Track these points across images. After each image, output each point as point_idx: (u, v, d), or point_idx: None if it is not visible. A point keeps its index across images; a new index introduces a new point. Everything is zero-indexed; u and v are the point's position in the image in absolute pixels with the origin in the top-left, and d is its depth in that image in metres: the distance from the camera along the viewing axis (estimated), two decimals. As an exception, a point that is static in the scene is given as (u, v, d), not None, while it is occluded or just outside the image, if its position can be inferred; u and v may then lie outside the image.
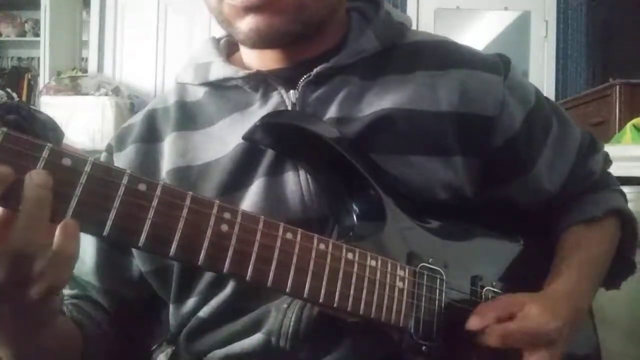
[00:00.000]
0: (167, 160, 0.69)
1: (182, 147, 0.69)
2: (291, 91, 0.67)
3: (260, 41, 0.64)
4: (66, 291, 0.73)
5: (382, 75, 0.69)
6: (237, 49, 0.77)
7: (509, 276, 0.68)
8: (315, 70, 0.66)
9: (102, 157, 0.75)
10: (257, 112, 0.67)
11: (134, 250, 0.69)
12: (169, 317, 0.71)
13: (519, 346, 0.61)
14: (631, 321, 1.36)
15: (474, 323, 0.60)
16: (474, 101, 0.68)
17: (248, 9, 0.61)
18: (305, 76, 0.67)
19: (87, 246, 0.71)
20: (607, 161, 0.81)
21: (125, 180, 0.44)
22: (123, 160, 0.71)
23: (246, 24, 0.62)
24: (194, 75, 0.73)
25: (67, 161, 0.42)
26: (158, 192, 0.45)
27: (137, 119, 0.76)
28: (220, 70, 0.71)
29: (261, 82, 0.68)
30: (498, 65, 0.72)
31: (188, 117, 0.72)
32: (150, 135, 0.72)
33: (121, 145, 0.73)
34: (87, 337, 0.64)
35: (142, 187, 0.44)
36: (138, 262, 0.69)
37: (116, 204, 0.43)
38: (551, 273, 0.69)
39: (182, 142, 0.70)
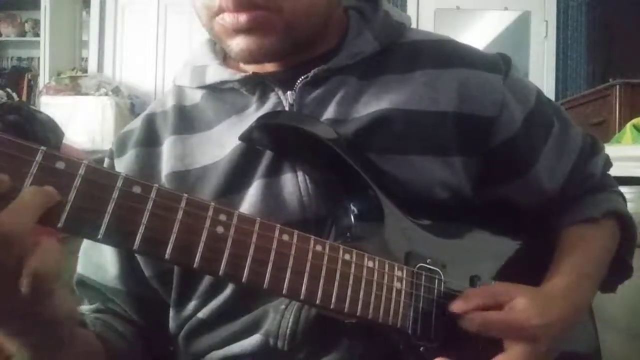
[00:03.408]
0: (166, 164, 0.69)
1: (180, 151, 0.69)
2: (288, 92, 0.67)
3: (252, 59, 0.65)
4: (86, 307, 0.73)
5: (380, 75, 0.68)
6: None
7: (508, 276, 0.68)
8: (312, 72, 0.66)
9: (105, 163, 0.75)
10: (255, 114, 0.67)
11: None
12: (169, 320, 0.70)
13: (500, 337, 0.60)
14: (631, 321, 1.35)
15: (456, 306, 0.59)
16: (473, 101, 0.68)
17: (238, 31, 0.62)
18: (302, 77, 0.67)
19: (107, 253, 0.71)
20: (608, 163, 0.81)
21: (119, 183, 0.44)
22: (124, 165, 0.71)
23: (236, 43, 0.63)
24: (191, 79, 0.73)
25: (60, 164, 0.42)
26: (153, 194, 0.45)
27: (137, 123, 0.76)
28: (216, 73, 0.70)
29: (258, 84, 0.68)
30: (499, 64, 0.71)
31: (186, 120, 0.72)
32: (150, 140, 0.72)
33: (122, 150, 0.73)
34: (110, 350, 0.64)
35: (136, 189, 0.44)
36: (142, 266, 0.69)
37: (111, 207, 0.43)
38: (550, 271, 0.69)
39: (180, 146, 0.70)
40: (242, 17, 0.60)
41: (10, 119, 1.71)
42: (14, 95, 2.75)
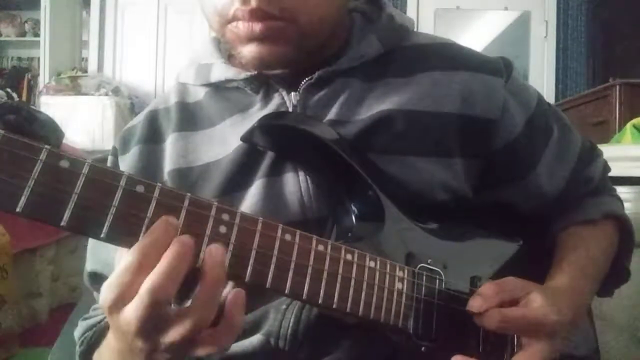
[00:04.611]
0: (169, 161, 0.69)
1: (183, 148, 0.69)
2: (292, 93, 0.67)
3: (263, 67, 0.65)
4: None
5: (383, 78, 0.69)
6: None
7: (508, 276, 0.68)
8: (317, 74, 0.66)
9: (109, 160, 0.75)
10: (258, 113, 0.67)
11: None
12: None
13: (519, 334, 0.60)
14: (631, 321, 1.36)
15: (475, 304, 0.58)
16: (476, 103, 0.68)
17: (251, 39, 0.61)
18: (306, 79, 0.67)
19: (113, 249, 0.70)
20: (606, 168, 0.82)
21: (123, 182, 0.44)
22: (128, 162, 0.71)
23: (248, 51, 0.62)
24: (195, 76, 0.73)
25: (64, 163, 0.42)
26: (156, 193, 0.45)
27: (139, 119, 0.76)
28: (221, 71, 0.70)
29: (262, 84, 0.68)
30: (500, 68, 0.72)
31: (189, 117, 0.72)
32: (153, 136, 0.72)
33: (125, 147, 0.73)
34: None
35: (140, 188, 0.44)
36: None
37: (114, 206, 0.43)
38: (552, 270, 0.69)
39: (182, 143, 0.70)
40: (257, 27, 0.60)
41: (10, 119, 1.71)
42: (14, 95, 2.75)
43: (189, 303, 0.67)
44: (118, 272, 0.44)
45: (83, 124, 3.62)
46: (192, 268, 0.45)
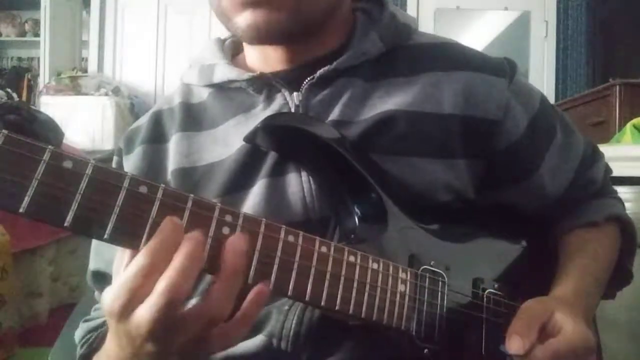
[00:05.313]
0: (172, 160, 0.69)
1: (187, 148, 0.69)
2: (295, 93, 0.67)
3: (258, 37, 0.64)
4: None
5: (386, 78, 0.68)
6: (242, 50, 0.77)
7: (511, 278, 0.68)
8: (318, 73, 0.66)
9: (114, 161, 0.75)
10: (261, 114, 0.67)
11: None
12: None
13: None
14: (631, 321, 1.36)
15: (517, 346, 0.55)
16: (478, 104, 0.68)
17: (246, 4, 0.62)
18: (308, 78, 0.67)
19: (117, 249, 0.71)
20: (608, 170, 0.82)
21: (126, 183, 0.43)
22: (132, 162, 0.72)
23: (244, 19, 0.63)
24: (199, 77, 0.74)
25: (68, 164, 0.41)
26: (159, 195, 0.45)
27: (144, 120, 0.76)
28: (224, 72, 0.71)
29: (265, 84, 0.69)
30: (504, 68, 0.71)
31: (192, 118, 0.72)
32: (157, 137, 0.73)
33: (130, 147, 0.74)
34: None
35: (143, 189, 0.44)
36: None
37: (117, 206, 0.43)
38: (558, 274, 0.69)
39: (186, 143, 0.70)
40: None
41: (10, 119, 1.71)
42: (14, 95, 2.75)
43: (191, 303, 0.68)
44: (127, 277, 0.43)
45: (83, 124, 3.62)
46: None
